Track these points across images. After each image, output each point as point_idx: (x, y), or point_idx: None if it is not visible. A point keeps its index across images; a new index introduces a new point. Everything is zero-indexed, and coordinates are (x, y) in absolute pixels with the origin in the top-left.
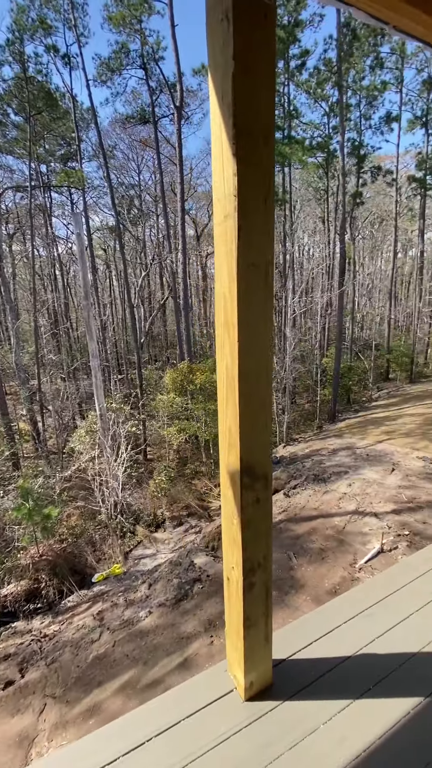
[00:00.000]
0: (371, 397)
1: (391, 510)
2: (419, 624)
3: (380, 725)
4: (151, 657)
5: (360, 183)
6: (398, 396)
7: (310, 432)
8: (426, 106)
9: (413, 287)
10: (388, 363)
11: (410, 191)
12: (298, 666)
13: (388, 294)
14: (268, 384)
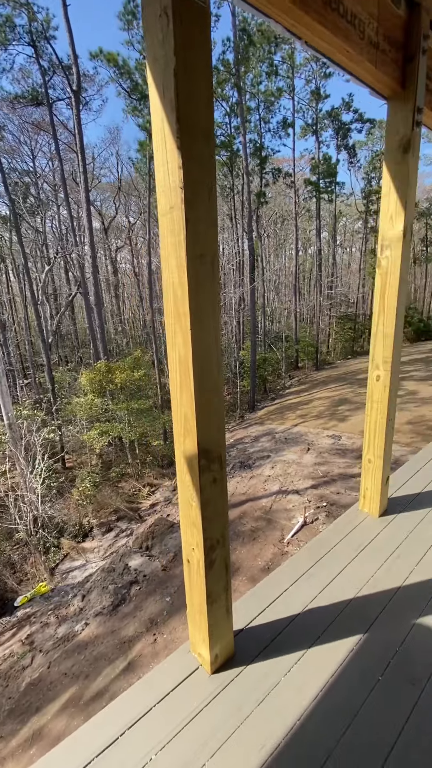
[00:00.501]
0: (285, 385)
1: (310, 485)
2: (351, 575)
3: (331, 665)
4: (92, 669)
5: (263, 183)
6: (308, 382)
7: (233, 422)
8: (315, 116)
9: (314, 283)
10: (297, 353)
11: (307, 193)
12: (256, 632)
13: (293, 289)
14: (219, 369)
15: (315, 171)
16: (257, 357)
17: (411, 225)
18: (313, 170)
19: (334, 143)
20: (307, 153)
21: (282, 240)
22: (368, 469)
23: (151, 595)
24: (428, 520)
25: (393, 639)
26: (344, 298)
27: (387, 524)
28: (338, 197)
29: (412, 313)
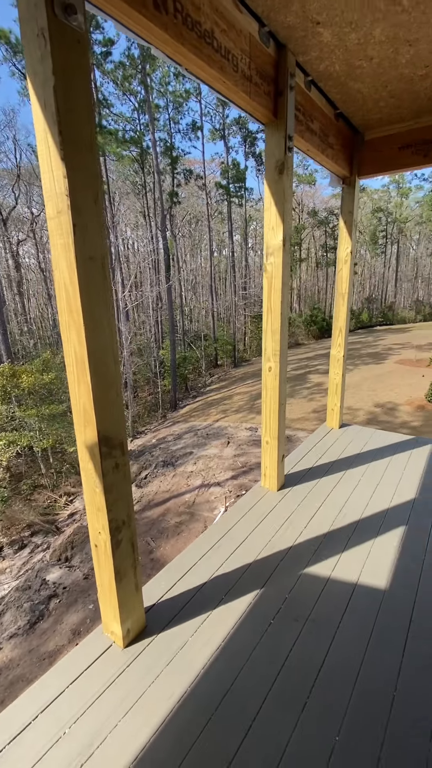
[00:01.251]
0: (206, 383)
1: (230, 477)
2: (252, 542)
3: (232, 619)
4: (8, 694)
5: (175, 183)
6: (227, 379)
7: (156, 422)
8: (222, 121)
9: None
10: (216, 351)
11: (218, 196)
12: (167, 604)
13: (209, 289)
14: (115, 362)
15: (225, 175)
16: (177, 356)
17: (289, 235)
18: (223, 174)
19: (242, 150)
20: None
21: (197, 240)
22: (266, 449)
23: (72, 606)
24: (316, 490)
25: (283, 589)
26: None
27: (283, 497)
28: (248, 202)
29: (316, 313)
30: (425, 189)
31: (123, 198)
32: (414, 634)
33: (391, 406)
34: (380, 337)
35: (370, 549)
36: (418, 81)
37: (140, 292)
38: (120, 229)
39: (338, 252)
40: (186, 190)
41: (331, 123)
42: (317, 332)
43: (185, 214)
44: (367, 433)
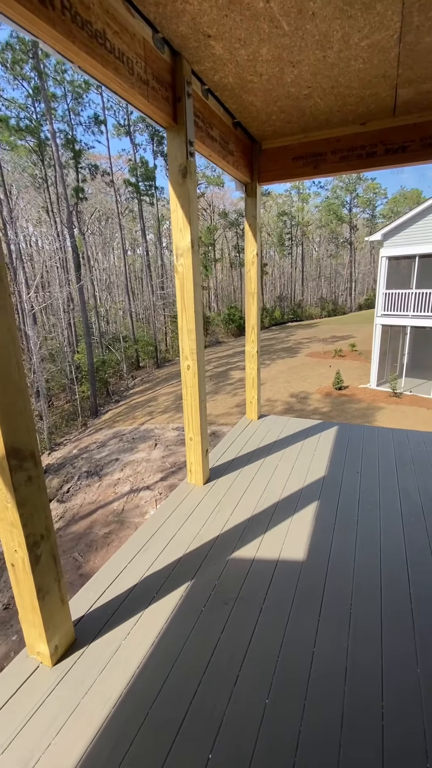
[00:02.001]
0: (129, 386)
1: (160, 478)
2: (180, 537)
3: (165, 614)
4: None
5: (81, 178)
6: (151, 381)
7: (75, 431)
8: (126, 117)
9: (146, 282)
10: (137, 352)
11: (128, 194)
12: (97, 613)
13: (125, 289)
14: (19, 370)
15: (134, 172)
16: (95, 360)
17: (197, 237)
18: (131, 171)
19: (150, 148)
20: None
21: (108, 239)
22: (190, 446)
23: None
24: (239, 479)
25: (213, 576)
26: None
27: (209, 490)
28: (159, 201)
29: (233, 312)
30: (322, 195)
31: (22, 192)
32: (328, 596)
33: (304, 395)
34: (292, 333)
35: (289, 526)
36: (302, 99)
37: (47, 292)
38: (20, 225)
39: (245, 254)
40: (93, 186)
41: (230, 131)
42: (236, 330)
43: (94, 211)
44: (283, 422)
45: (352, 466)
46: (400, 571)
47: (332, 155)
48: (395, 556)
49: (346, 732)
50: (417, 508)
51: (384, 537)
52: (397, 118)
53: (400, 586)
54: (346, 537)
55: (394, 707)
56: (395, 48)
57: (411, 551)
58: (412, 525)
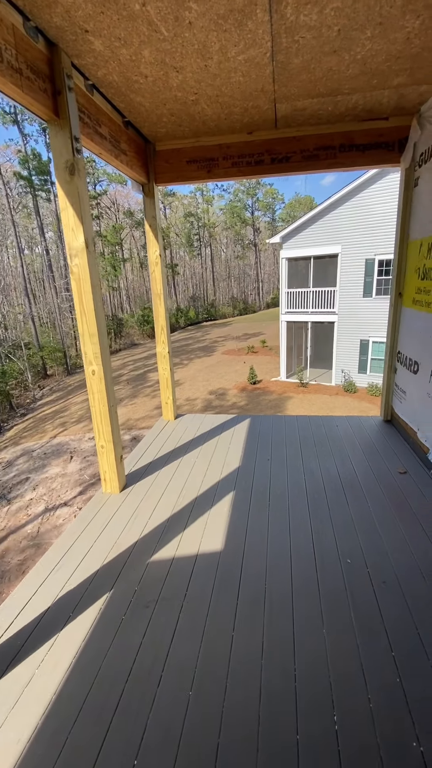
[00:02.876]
0: (36, 397)
1: (78, 492)
2: (97, 549)
3: (82, 632)
4: None
5: None
6: (62, 389)
7: None
8: (13, 104)
9: (48, 284)
10: (43, 360)
11: (21, 188)
12: (7, 644)
13: (24, 291)
14: None
15: (25, 165)
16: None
17: (92, 237)
18: (22, 164)
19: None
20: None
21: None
22: (103, 454)
23: None
24: (158, 481)
25: (133, 582)
26: None
27: (126, 496)
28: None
29: (148, 312)
30: (226, 198)
31: None
32: (245, 579)
33: (222, 392)
34: (207, 332)
35: (207, 519)
36: (190, 105)
37: None
38: None
39: (149, 255)
40: None
41: (121, 130)
42: (151, 331)
43: None
44: (199, 419)
45: (264, 454)
46: (306, 543)
47: (224, 161)
48: (302, 530)
49: (265, 703)
50: (319, 484)
51: (292, 514)
52: (279, 130)
53: (307, 556)
54: (260, 520)
55: (305, 670)
56: (269, 65)
57: (315, 523)
58: (315, 500)
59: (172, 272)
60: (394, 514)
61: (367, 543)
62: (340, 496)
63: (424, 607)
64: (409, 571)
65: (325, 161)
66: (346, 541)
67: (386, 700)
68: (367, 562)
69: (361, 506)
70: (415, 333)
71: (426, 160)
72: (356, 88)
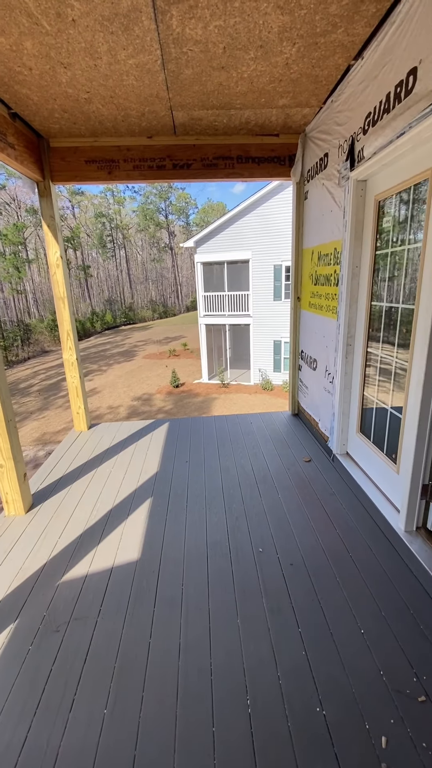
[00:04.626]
0: None
1: None
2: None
3: None
4: None
5: None
6: None
7: None
8: None
9: None
10: None
11: None
12: None
13: None
14: None
15: None
16: None
17: None
18: None
19: None
20: None
21: None
22: (3, 474)
23: None
24: (69, 497)
25: (41, 607)
26: None
27: (33, 517)
28: None
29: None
30: (138, 200)
31: None
32: (162, 584)
33: (147, 397)
34: (127, 336)
35: (123, 530)
36: (84, 103)
37: None
38: None
39: (48, 256)
40: None
41: (6, 122)
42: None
43: None
44: (115, 428)
45: (182, 457)
46: (221, 539)
47: (125, 163)
48: (218, 528)
49: (182, 704)
50: (234, 481)
51: (209, 513)
52: (179, 137)
53: (223, 553)
54: (177, 524)
55: (221, 663)
56: (161, 72)
57: (230, 519)
58: (230, 496)
59: (85, 274)
60: (300, 499)
61: (277, 530)
62: (253, 490)
63: (326, 581)
64: (312, 550)
65: (224, 170)
66: (258, 532)
67: (293, 674)
68: (276, 548)
69: (272, 497)
70: (312, 333)
71: (312, 176)
72: (247, 105)
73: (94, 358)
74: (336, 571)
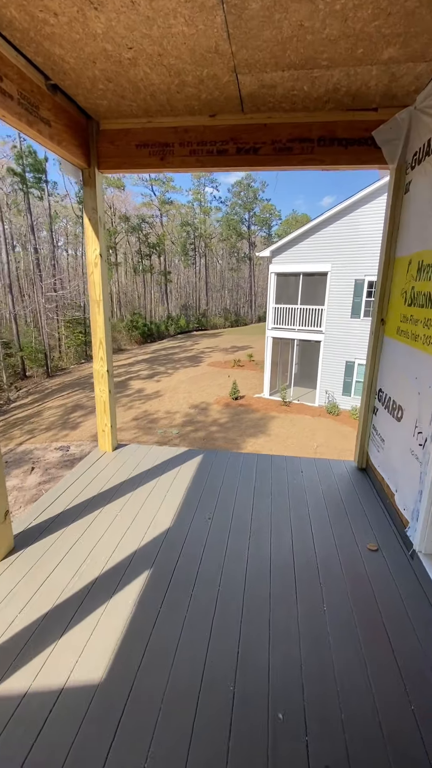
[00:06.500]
0: (10, 399)
1: None
2: None
3: None
4: None
5: None
6: (39, 392)
7: None
8: None
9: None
10: (23, 360)
11: (14, 185)
12: None
13: (8, 290)
14: None
15: (20, 162)
16: None
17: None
18: (17, 160)
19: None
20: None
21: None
22: None
23: None
24: (60, 542)
25: None
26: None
27: (4, 570)
28: (51, 196)
29: (137, 318)
30: (223, 211)
31: None
32: (117, 745)
33: (204, 406)
34: (197, 342)
35: (98, 621)
36: (128, 66)
37: None
38: None
39: (87, 254)
40: None
41: (42, 93)
42: (139, 337)
43: None
44: (142, 451)
45: (205, 508)
46: (224, 678)
47: (180, 147)
48: (225, 649)
49: None
50: (264, 562)
51: (218, 615)
52: (247, 115)
53: (220, 704)
54: (170, 624)
55: None
56: (219, 9)
57: (246, 633)
58: (254, 588)
59: (165, 279)
60: (354, 615)
61: (312, 674)
62: (288, 582)
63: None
64: (365, 730)
65: (300, 156)
66: (283, 676)
67: None
68: (307, 717)
69: (313, 601)
70: (399, 370)
71: (420, 160)
72: (336, 60)
73: (162, 361)
74: None
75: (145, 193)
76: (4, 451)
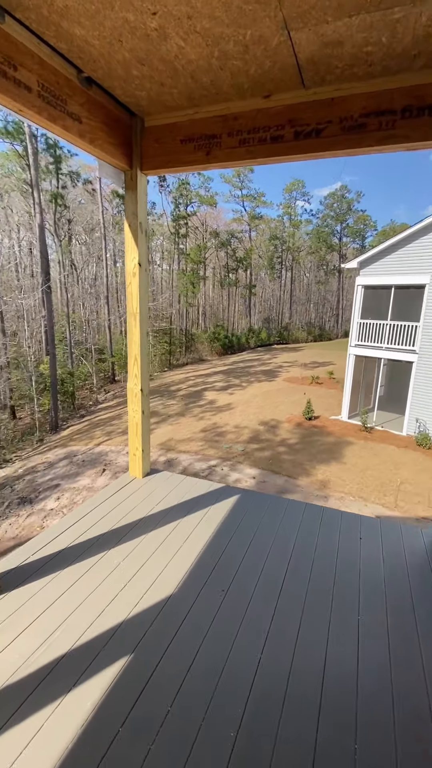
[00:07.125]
0: (98, 400)
1: None
2: None
3: None
4: None
5: (60, 185)
6: (123, 396)
7: (29, 448)
8: None
9: None
10: (113, 366)
11: (118, 206)
12: None
13: (105, 300)
14: None
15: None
16: (61, 370)
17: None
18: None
19: None
20: None
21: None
22: None
23: None
24: (44, 593)
25: None
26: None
27: None
28: (149, 215)
29: (219, 330)
30: (313, 223)
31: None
32: None
33: (274, 424)
34: (276, 355)
35: (51, 714)
36: (157, 39)
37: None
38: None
39: (125, 262)
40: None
41: (72, 87)
42: (220, 348)
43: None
44: (175, 481)
45: (223, 576)
46: None
47: (228, 138)
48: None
49: None
50: (277, 699)
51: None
52: (310, 90)
53: None
54: (129, 757)
55: None
56: None
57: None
58: (255, 718)
59: (249, 293)
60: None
61: None
62: (302, 730)
63: None
64: None
65: (377, 133)
66: None
67: None
68: None
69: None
70: None
71: None
72: None
73: (238, 373)
74: None
75: (236, 209)
76: (84, 450)
